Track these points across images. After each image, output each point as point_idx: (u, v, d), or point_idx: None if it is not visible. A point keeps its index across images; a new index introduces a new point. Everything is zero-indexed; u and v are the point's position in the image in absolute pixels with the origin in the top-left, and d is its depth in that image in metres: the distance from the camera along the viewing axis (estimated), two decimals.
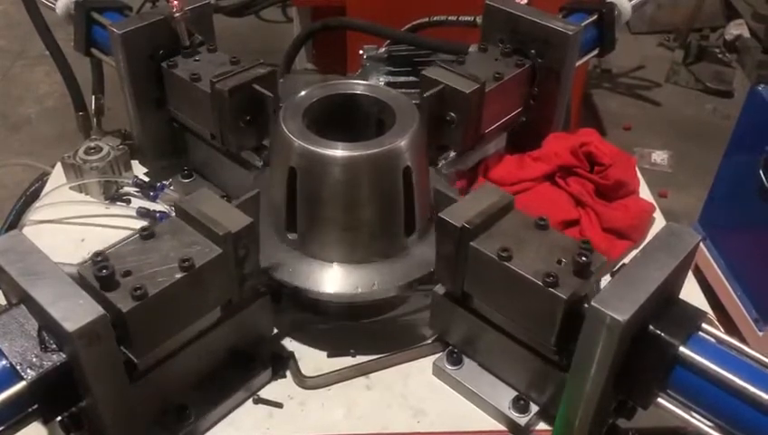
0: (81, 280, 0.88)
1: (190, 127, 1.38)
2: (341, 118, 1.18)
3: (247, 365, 1.08)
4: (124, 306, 0.86)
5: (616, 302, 0.81)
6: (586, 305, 0.89)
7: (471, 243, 0.97)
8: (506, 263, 0.93)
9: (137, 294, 0.86)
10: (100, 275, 0.87)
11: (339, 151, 1.06)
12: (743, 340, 0.88)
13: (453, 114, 1.26)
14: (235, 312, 1.05)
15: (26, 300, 0.83)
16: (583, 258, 0.90)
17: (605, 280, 1.27)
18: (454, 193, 1.09)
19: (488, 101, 1.28)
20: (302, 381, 1.09)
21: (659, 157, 3.41)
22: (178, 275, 0.90)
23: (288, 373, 1.11)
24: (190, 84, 1.27)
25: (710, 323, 0.88)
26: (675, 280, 0.89)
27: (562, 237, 0.98)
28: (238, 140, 1.27)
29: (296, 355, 1.13)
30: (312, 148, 1.06)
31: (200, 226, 0.96)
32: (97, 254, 0.90)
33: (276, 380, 1.10)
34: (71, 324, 0.77)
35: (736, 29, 4.20)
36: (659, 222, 1.43)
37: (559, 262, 0.93)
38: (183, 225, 0.98)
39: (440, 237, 1.01)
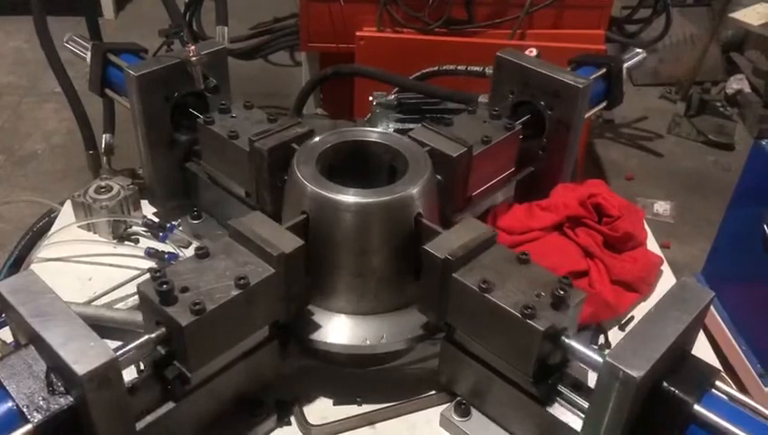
0: (140, 295, 0.92)
1: (223, 184, 1.36)
2: (354, 164, 1.19)
3: (252, 411, 1.07)
4: (183, 320, 0.88)
5: (630, 358, 0.80)
6: (564, 339, 0.93)
7: (453, 274, 0.99)
8: (486, 294, 0.96)
9: (196, 308, 0.89)
10: (160, 289, 0.89)
11: (351, 197, 1.06)
12: (748, 394, 0.88)
13: (439, 177, 1.21)
14: (243, 356, 1.04)
15: (36, 341, 0.83)
16: (561, 292, 0.93)
17: (614, 332, 1.28)
18: (437, 225, 1.10)
19: (476, 164, 1.25)
20: (308, 430, 1.08)
21: (662, 207, 3.43)
22: (234, 293, 0.93)
23: (293, 420, 1.10)
24: (227, 142, 1.26)
25: (723, 380, 0.88)
26: (688, 336, 0.89)
27: (544, 272, 1.00)
28: (274, 199, 1.23)
29: (302, 402, 1.11)
30: (325, 193, 1.07)
31: (254, 246, 0.99)
32: (155, 270, 0.93)
33: (281, 427, 1.09)
34: (81, 367, 0.77)
35: (737, 84, 4.27)
36: (666, 274, 1.43)
37: (538, 295, 0.95)
38: (236, 245, 1.01)
39: (424, 269, 1.03)
